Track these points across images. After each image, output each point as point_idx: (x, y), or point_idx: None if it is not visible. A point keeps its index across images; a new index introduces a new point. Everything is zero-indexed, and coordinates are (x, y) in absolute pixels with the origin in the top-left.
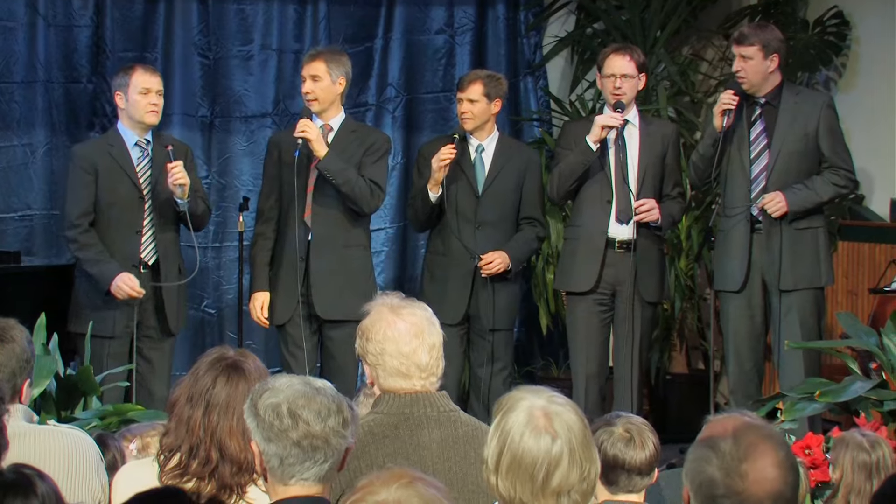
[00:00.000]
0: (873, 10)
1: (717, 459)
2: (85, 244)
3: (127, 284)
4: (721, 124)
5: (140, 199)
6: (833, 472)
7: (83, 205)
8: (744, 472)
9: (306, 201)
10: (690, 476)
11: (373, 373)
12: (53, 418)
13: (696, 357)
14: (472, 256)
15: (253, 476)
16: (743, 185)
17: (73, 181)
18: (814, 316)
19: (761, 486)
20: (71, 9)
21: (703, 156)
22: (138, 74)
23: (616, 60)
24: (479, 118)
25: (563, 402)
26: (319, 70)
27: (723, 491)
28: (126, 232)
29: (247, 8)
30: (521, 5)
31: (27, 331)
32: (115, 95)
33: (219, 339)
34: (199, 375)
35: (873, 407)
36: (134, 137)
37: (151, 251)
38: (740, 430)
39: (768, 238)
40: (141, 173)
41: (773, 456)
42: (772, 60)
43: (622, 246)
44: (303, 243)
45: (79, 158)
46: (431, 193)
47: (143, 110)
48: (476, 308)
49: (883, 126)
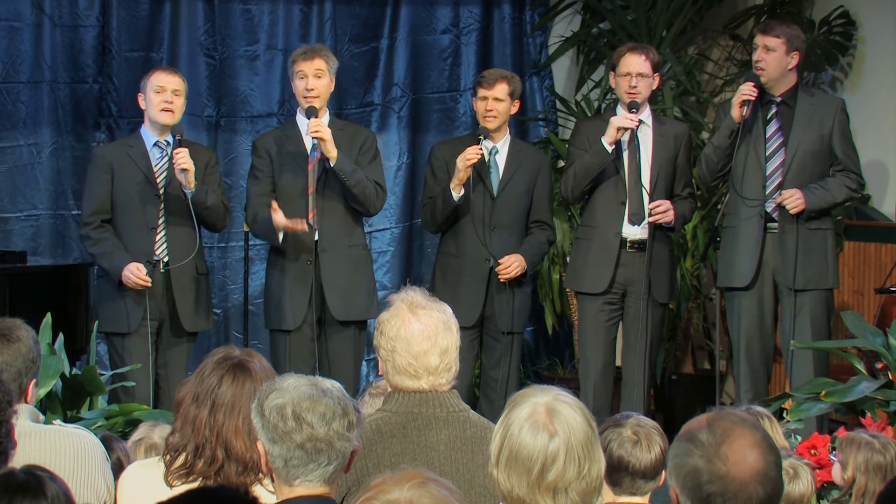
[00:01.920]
0: (879, 10)
1: (696, 450)
2: (97, 240)
3: (134, 274)
4: (740, 115)
5: (156, 197)
6: (844, 472)
7: (96, 202)
8: (724, 455)
9: (308, 203)
10: (675, 472)
11: (384, 367)
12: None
13: (701, 357)
14: (487, 259)
15: (258, 476)
16: (758, 182)
17: (90, 180)
18: (824, 316)
19: (743, 466)
20: (77, 9)
21: (719, 147)
22: (156, 74)
23: (632, 59)
24: (503, 117)
25: (570, 401)
26: (322, 67)
27: (707, 477)
28: (140, 229)
29: (252, 8)
30: (527, 5)
31: (33, 331)
32: (139, 97)
33: (224, 340)
34: (205, 375)
35: (879, 407)
36: (154, 139)
37: (164, 248)
38: (713, 419)
39: (782, 236)
40: (158, 172)
41: (750, 437)
42: (792, 57)
43: (634, 246)
44: (310, 246)
45: (97, 158)
46: (455, 193)
47: (156, 108)
48: (491, 310)
49: (889, 126)
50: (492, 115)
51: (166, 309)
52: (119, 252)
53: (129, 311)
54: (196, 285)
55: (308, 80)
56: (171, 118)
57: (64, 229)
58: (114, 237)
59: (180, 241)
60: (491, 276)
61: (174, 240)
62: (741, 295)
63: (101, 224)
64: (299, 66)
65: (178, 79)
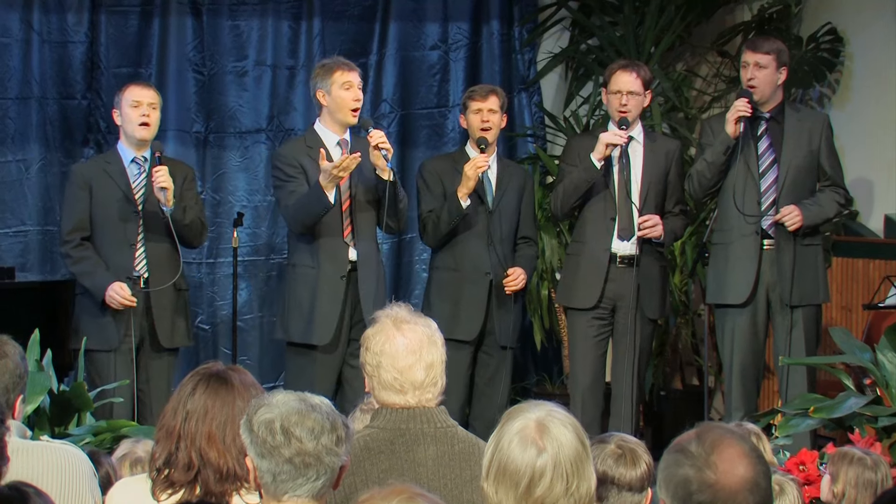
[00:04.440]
0: (866, 27)
1: (686, 460)
2: (78, 258)
3: (119, 294)
4: (736, 131)
5: (135, 214)
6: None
7: (75, 220)
8: (713, 463)
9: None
10: (665, 483)
11: (370, 383)
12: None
13: (690, 373)
14: (487, 272)
15: (236, 485)
16: (752, 198)
17: (69, 198)
18: (814, 332)
19: (733, 475)
20: (65, 25)
21: (713, 163)
22: (131, 89)
23: (623, 77)
24: (497, 129)
25: (563, 417)
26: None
27: (697, 486)
28: (120, 246)
29: (241, 24)
30: (516, 21)
31: (20, 347)
32: (113, 113)
33: (213, 355)
34: (183, 386)
35: (867, 423)
36: (131, 154)
37: (144, 264)
38: (703, 431)
39: (779, 253)
40: (136, 189)
41: (739, 447)
42: (781, 72)
43: (623, 261)
44: (344, 262)
45: (74, 175)
46: (463, 203)
47: (133, 123)
48: (492, 325)
49: (876, 142)
50: (489, 126)
51: (146, 325)
52: (101, 271)
53: (112, 328)
54: (175, 302)
55: (353, 90)
56: (148, 132)
57: (52, 245)
58: (95, 255)
59: (160, 257)
60: (491, 289)
61: (154, 256)
62: (735, 312)
63: (80, 242)
64: (346, 76)
65: (153, 92)
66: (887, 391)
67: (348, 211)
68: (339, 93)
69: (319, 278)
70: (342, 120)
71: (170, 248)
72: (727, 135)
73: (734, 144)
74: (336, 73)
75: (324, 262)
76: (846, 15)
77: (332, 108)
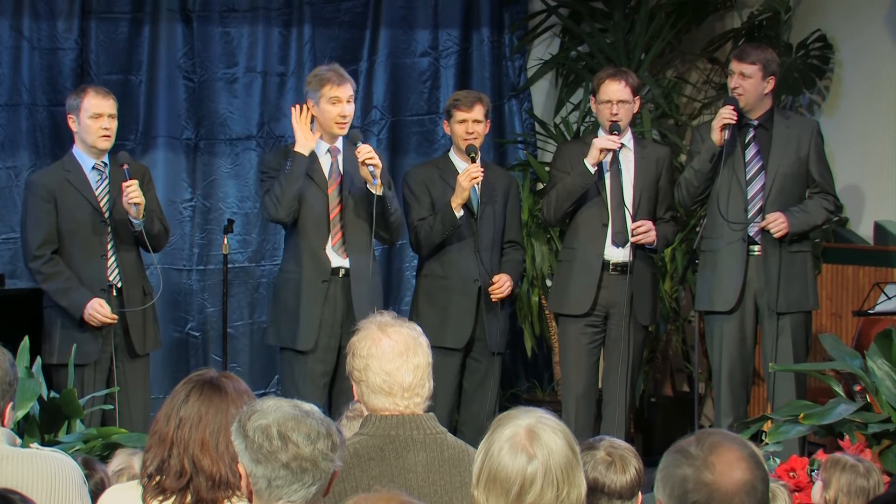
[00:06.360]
0: (856, 34)
1: (685, 460)
2: (50, 275)
3: (99, 312)
4: (721, 138)
5: (103, 223)
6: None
7: (43, 234)
8: (711, 463)
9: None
10: (662, 482)
11: (358, 389)
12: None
13: (680, 379)
14: (475, 279)
15: (228, 493)
16: (739, 205)
17: (32, 211)
18: (803, 338)
19: (730, 477)
20: (55, 32)
21: (700, 171)
22: (90, 98)
23: (612, 86)
24: (482, 138)
25: (553, 424)
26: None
27: (693, 485)
28: (91, 257)
29: (232, 31)
30: (506, 28)
31: (10, 354)
32: (68, 118)
33: (203, 362)
34: (176, 393)
35: (858, 429)
36: (91, 161)
37: (117, 274)
38: (702, 434)
39: (765, 260)
40: (101, 197)
41: (738, 451)
42: (768, 82)
43: (617, 268)
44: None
45: (36, 187)
46: (457, 213)
47: (94, 135)
48: (481, 331)
49: (866, 149)
50: (474, 136)
51: (121, 334)
52: (76, 287)
53: (90, 343)
54: (144, 308)
55: (343, 104)
56: (110, 143)
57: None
58: (66, 270)
59: (130, 265)
60: (480, 296)
61: (125, 265)
62: (723, 319)
63: (51, 257)
64: (336, 92)
65: (112, 101)
66: (877, 398)
67: (337, 219)
68: (326, 107)
69: (302, 283)
70: (329, 131)
71: (137, 256)
72: (713, 142)
73: (719, 152)
74: (325, 86)
75: (306, 266)
76: (836, 22)
77: (320, 119)
